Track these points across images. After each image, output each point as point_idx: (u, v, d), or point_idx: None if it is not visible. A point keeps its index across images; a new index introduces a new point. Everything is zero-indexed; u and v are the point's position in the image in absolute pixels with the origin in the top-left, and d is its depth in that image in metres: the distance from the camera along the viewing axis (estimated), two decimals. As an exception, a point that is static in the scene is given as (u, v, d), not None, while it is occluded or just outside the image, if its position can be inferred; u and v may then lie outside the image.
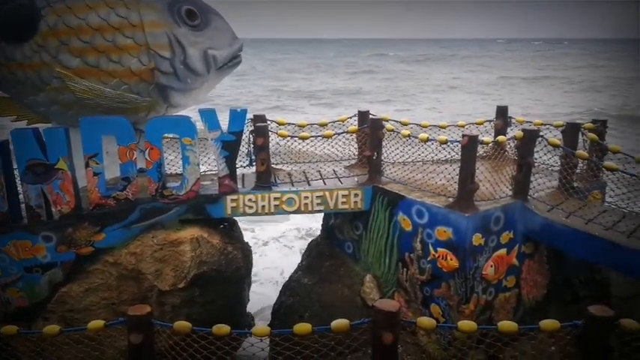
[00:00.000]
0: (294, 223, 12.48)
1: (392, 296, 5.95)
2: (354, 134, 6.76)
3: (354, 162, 7.17)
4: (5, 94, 6.12)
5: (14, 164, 5.48)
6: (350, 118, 7.19)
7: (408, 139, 6.09)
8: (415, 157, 6.45)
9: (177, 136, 5.68)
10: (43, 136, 5.36)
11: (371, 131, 6.07)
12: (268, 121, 6.70)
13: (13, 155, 5.45)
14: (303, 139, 6.47)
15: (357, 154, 7.12)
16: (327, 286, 6.51)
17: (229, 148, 5.78)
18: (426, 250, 5.51)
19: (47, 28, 5.60)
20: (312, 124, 7.01)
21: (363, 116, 6.98)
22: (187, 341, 3.99)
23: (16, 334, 4.15)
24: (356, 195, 6.12)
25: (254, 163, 6.24)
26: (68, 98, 5.77)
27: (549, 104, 34.18)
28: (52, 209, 5.52)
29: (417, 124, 6.92)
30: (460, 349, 5.28)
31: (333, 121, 7.06)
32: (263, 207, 6.01)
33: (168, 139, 5.94)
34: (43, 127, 5.69)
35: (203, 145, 6.07)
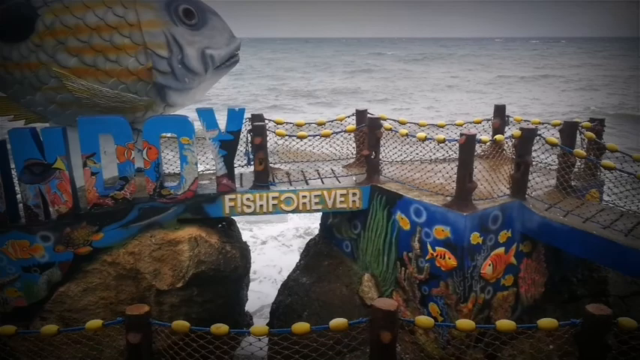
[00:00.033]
0: (293, 223, 12.49)
1: (390, 295, 5.96)
2: (352, 133, 6.76)
3: (352, 161, 7.17)
4: (2, 94, 6.10)
5: (12, 164, 5.47)
6: (348, 117, 7.17)
7: (406, 138, 6.09)
8: (413, 156, 6.47)
9: (175, 135, 5.67)
10: (40, 136, 5.34)
11: (369, 130, 6.06)
12: (266, 121, 6.71)
13: (10, 155, 5.44)
14: (301, 138, 6.46)
15: (355, 153, 7.12)
16: (326, 285, 6.51)
17: (227, 147, 5.77)
18: (424, 249, 5.51)
19: (44, 27, 5.58)
20: (310, 123, 6.98)
21: (361, 115, 6.98)
22: (186, 341, 4.00)
23: (15, 333, 4.14)
24: (354, 194, 6.12)
25: (252, 163, 6.23)
26: (65, 98, 5.76)
27: (547, 103, 34.24)
28: (50, 209, 5.51)
29: (415, 123, 6.90)
30: (458, 347, 5.28)
31: (331, 120, 7.04)
32: (261, 206, 6.01)
33: (166, 139, 5.94)
34: (40, 126, 5.69)
35: (201, 144, 6.05)
